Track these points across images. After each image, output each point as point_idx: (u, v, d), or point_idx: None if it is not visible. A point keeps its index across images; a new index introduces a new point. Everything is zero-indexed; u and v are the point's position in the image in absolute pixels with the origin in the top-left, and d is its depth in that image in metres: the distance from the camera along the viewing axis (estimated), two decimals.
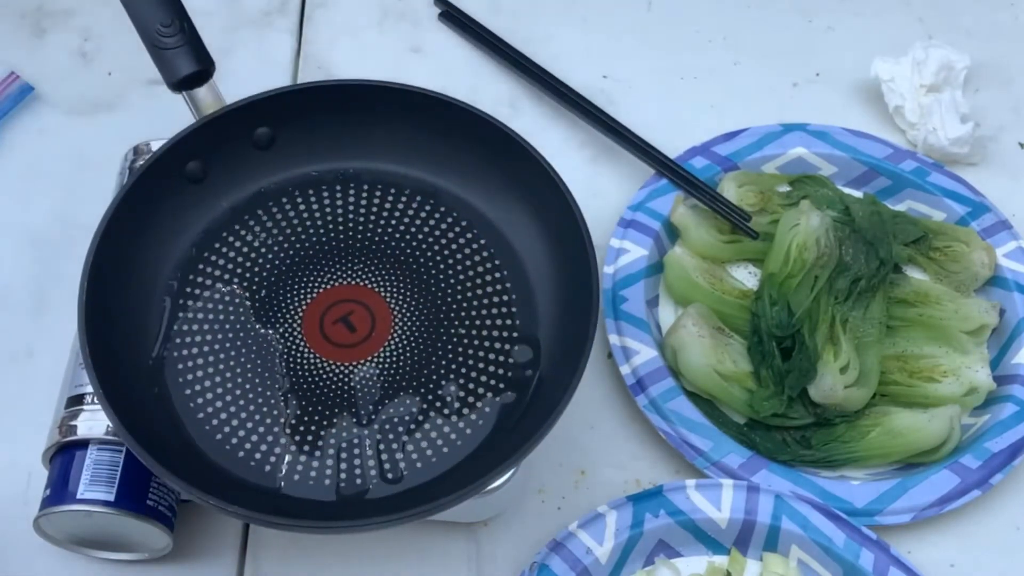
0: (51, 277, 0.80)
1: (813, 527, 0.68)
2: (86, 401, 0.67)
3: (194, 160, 0.72)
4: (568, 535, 0.68)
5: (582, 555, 0.67)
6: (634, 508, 0.69)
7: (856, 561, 0.67)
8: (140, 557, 0.69)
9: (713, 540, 0.69)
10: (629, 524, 0.68)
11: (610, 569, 0.68)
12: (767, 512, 0.69)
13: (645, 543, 0.69)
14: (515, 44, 0.92)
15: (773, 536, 0.69)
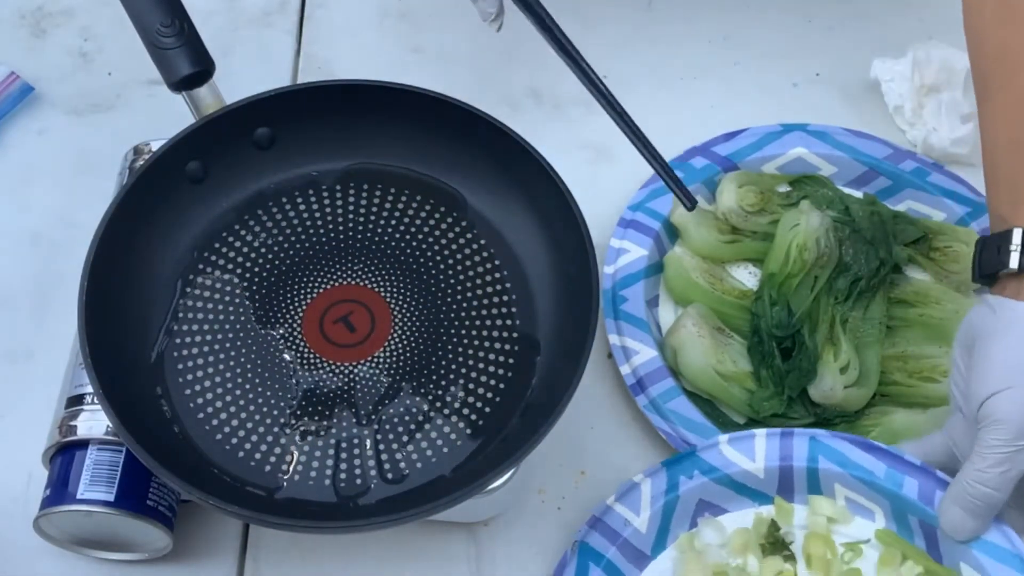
0: (51, 277, 0.80)
1: (852, 463, 0.67)
2: (86, 401, 0.67)
3: (194, 160, 0.72)
4: (605, 509, 0.67)
5: (621, 527, 0.67)
6: (667, 473, 0.68)
7: (900, 490, 0.66)
8: (140, 557, 0.69)
9: (755, 491, 0.68)
10: (664, 490, 0.68)
11: (652, 537, 0.67)
12: (803, 455, 0.67)
13: (684, 506, 0.68)
14: (515, 43, 0.92)
15: (814, 478, 0.67)
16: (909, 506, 0.66)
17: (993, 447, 0.60)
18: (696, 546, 0.67)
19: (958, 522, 0.62)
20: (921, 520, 0.65)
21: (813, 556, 0.66)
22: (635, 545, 0.67)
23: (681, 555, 0.67)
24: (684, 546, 0.68)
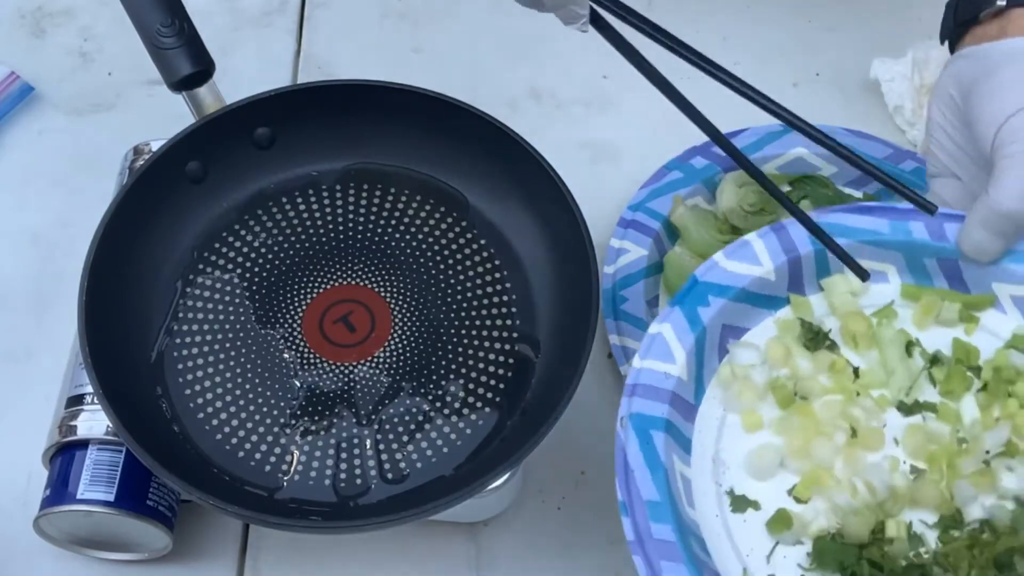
0: (51, 277, 0.80)
1: (855, 229, 0.65)
2: (86, 401, 0.67)
3: (194, 160, 0.72)
4: (637, 372, 0.62)
5: (662, 382, 0.61)
6: (683, 310, 0.64)
7: (911, 236, 0.65)
8: (140, 557, 0.69)
9: (769, 298, 0.65)
10: (687, 327, 0.63)
11: (695, 382, 0.63)
12: (805, 241, 0.65)
13: (712, 337, 0.64)
14: (515, 43, 0.92)
15: (823, 260, 0.65)
16: (923, 249, 0.64)
17: (1018, 160, 0.60)
18: (738, 373, 0.63)
19: (985, 244, 0.62)
20: (939, 259, 0.64)
21: (857, 335, 0.64)
22: (682, 396, 0.62)
23: (727, 388, 0.63)
24: (727, 378, 0.64)
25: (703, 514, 0.60)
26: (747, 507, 0.60)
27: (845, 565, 0.57)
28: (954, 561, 0.57)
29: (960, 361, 0.63)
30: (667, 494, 0.58)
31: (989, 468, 0.59)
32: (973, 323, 0.64)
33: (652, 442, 0.60)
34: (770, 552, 0.59)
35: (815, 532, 0.59)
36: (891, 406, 0.62)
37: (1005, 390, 0.62)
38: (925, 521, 0.59)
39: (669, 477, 0.59)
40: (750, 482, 0.61)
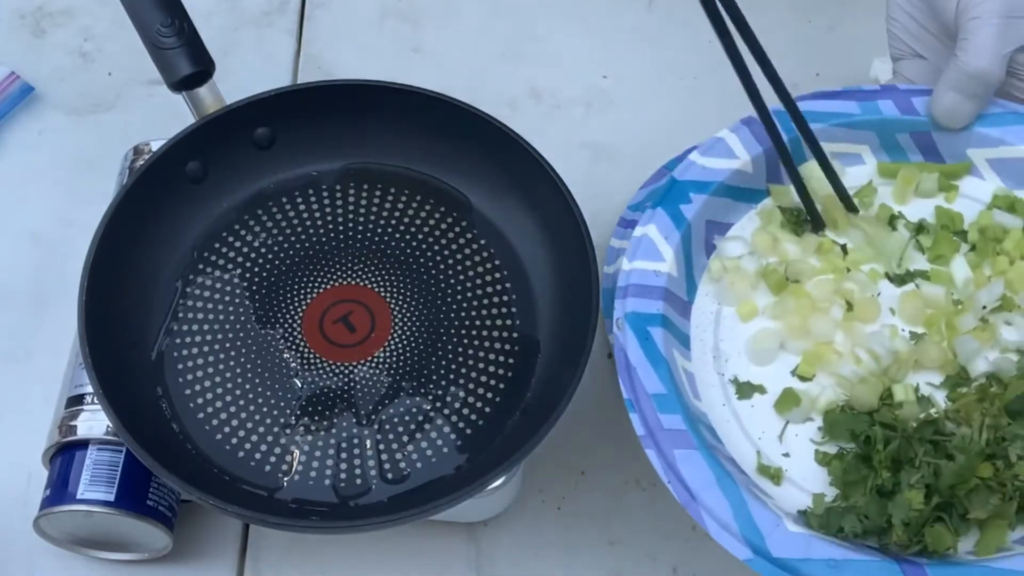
0: (51, 277, 0.80)
1: (827, 114, 0.66)
2: (86, 401, 0.67)
3: (194, 160, 0.72)
4: (628, 273, 0.63)
5: (653, 280, 0.62)
6: (666, 209, 0.64)
7: (881, 114, 0.65)
8: (140, 557, 0.69)
9: (749, 191, 0.66)
10: (672, 226, 0.64)
11: (686, 279, 0.64)
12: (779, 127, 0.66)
13: (697, 234, 0.65)
14: (515, 43, 0.92)
15: (798, 149, 0.65)
16: (895, 125, 0.65)
17: (986, 21, 0.61)
18: (728, 266, 0.64)
19: (957, 108, 0.63)
20: (911, 133, 0.65)
21: (837, 217, 0.65)
22: (675, 292, 0.63)
23: (718, 282, 0.64)
24: (717, 272, 0.64)
25: (710, 405, 0.61)
26: (753, 392, 0.61)
27: (857, 433, 0.57)
28: (965, 414, 0.57)
29: (945, 227, 0.64)
30: (672, 386, 0.58)
31: (988, 324, 0.60)
32: (953, 191, 0.65)
33: (651, 338, 0.60)
34: (781, 432, 0.59)
35: (824, 407, 0.59)
36: (882, 279, 0.63)
37: (993, 248, 0.62)
38: (932, 383, 0.59)
39: (672, 370, 0.59)
40: (752, 368, 0.62)
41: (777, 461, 0.59)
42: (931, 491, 0.55)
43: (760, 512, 0.55)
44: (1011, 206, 0.64)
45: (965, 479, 0.54)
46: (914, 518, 0.54)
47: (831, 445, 0.59)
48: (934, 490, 0.55)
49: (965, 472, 0.54)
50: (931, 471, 0.55)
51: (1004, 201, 0.64)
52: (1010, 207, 0.64)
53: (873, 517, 0.55)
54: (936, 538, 0.54)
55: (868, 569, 0.53)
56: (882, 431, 0.57)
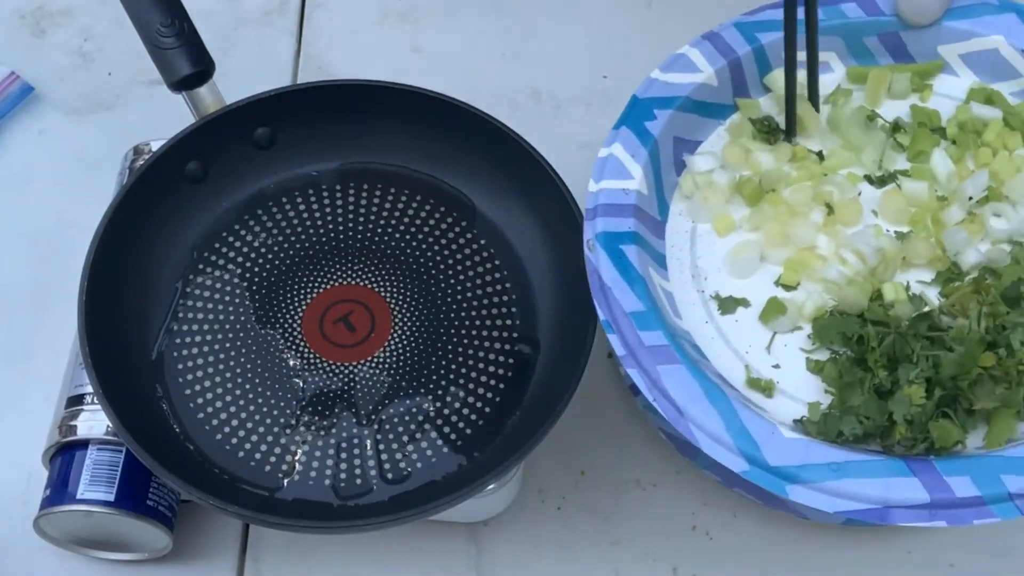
0: (51, 277, 0.80)
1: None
2: (86, 401, 0.67)
3: (194, 160, 0.72)
4: (595, 194, 0.61)
5: (622, 198, 0.60)
6: (630, 126, 0.63)
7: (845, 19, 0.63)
8: (140, 557, 0.69)
9: (716, 106, 0.64)
10: (638, 143, 0.62)
11: (656, 198, 0.62)
12: (739, 40, 0.64)
13: (665, 152, 0.62)
14: (515, 43, 0.92)
15: (762, 58, 0.64)
16: (861, 28, 0.63)
17: None
18: (700, 181, 0.62)
19: (922, 3, 0.61)
20: (879, 35, 0.63)
21: (806, 121, 0.63)
22: (646, 210, 0.61)
23: (691, 198, 0.63)
24: (689, 189, 0.63)
25: (692, 323, 0.59)
26: (736, 307, 0.59)
27: (849, 335, 0.56)
28: (960, 307, 0.55)
29: (923, 124, 0.62)
30: (651, 303, 0.56)
31: (976, 216, 0.58)
32: (927, 90, 0.63)
33: (625, 256, 0.58)
34: (769, 343, 0.57)
35: (812, 314, 0.57)
36: (862, 182, 0.61)
37: (974, 141, 0.61)
38: (922, 280, 0.58)
39: (649, 287, 0.57)
40: (733, 282, 0.60)
41: (767, 373, 0.57)
42: (932, 385, 0.53)
43: (753, 421, 0.52)
44: (988, 98, 0.62)
45: (967, 369, 0.52)
46: (917, 414, 0.52)
47: (822, 352, 0.57)
48: (935, 383, 0.52)
49: (966, 362, 0.52)
50: (930, 364, 0.53)
51: (981, 94, 0.62)
52: (987, 99, 0.62)
53: (874, 417, 0.52)
54: (942, 433, 0.52)
55: (873, 468, 0.51)
56: (875, 329, 0.55)
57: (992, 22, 0.62)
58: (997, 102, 0.62)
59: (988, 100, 0.62)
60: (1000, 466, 0.50)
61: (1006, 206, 0.59)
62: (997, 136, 0.61)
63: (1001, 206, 0.59)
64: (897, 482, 0.50)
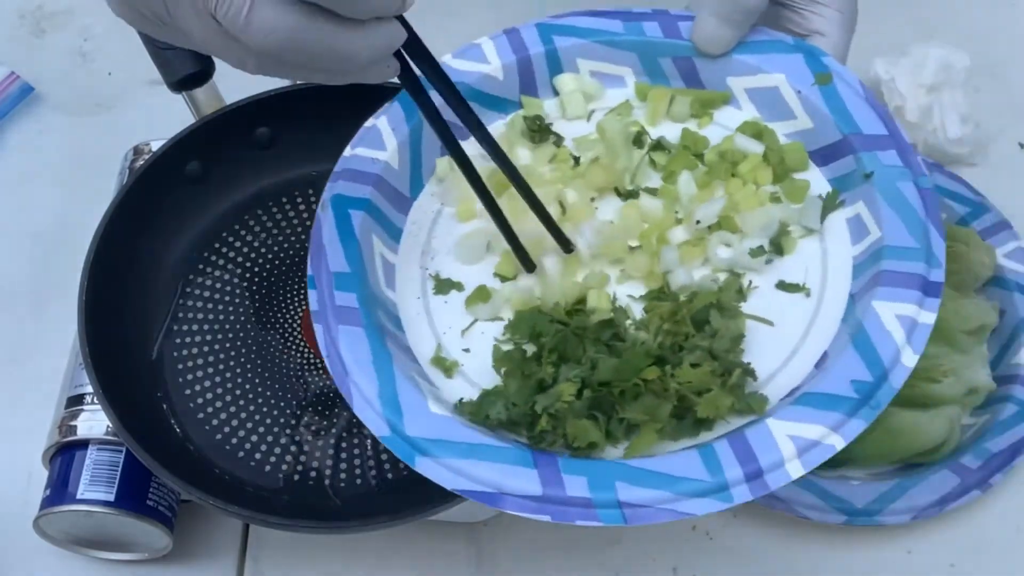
0: (51, 277, 0.80)
1: (588, 30, 0.64)
2: (86, 401, 0.67)
3: (194, 160, 0.72)
4: (345, 159, 0.61)
5: (368, 166, 0.61)
6: (402, 103, 0.63)
7: (644, 36, 0.63)
8: (140, 557, 0.69)
9: (499, 100, 0.64)
10: (403, 118, 0.62)
11: (410, 174, 0.62)
12: (536, 41, 0.64)
13: (431, 133, 0.60)
14: None
15: (554, 60, 0.64)
16: (657, 48, 0.63)
17: None
18: (457, 168, 0.60)
19: (714, 32, 0.61)
20: (674, 58, 0.63)
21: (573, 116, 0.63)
22: (391, 183, 0.61)
23: (442, 181, 0.63)
24: (444, 171, 0.63)
25: (404, 296, 0.59)
26: (450, 289, 0.59)
27: (538, 330, 0.56)
28: (649, 320, 0.56)
29: (687, 148, 0.62)
30: (358, 266, 0.57)
31: (701, 240, 0.58)
32: (707, 118, 0.63)
33: (349, 219, 0.59)
34: (468, 327, 0.58)
35: (517, 307, 0.57)
36: (610, 193, 0.61)
37: (728, 170, 0.61)
38: (632, 295, 0.58)
39: (363, 252, 0.58)
40: (457, 266, 0.60)
41: (456, 355, 0.57)
42: (585, 386, 0.53)
43: (408, 392, 0.53)
44: (758, 133, 0.62)
45: (624, 377, 0.52)
46: (562, 410, 0.52)
47: (510, 343, 0.57)
48: (587, 385, 0.53)
49: (624, 370, 0.53)
50: (588, 367, 0.53)
51: (751, 128, 0.62)
52: (756, 134, 0.62)
53: (519, 404, 0.53)
54: (579, 431, 0.52)
55: (501, 454, 0.51)
56: (554, 327, 0.55)
57: (779, 60, 0.61)
58: (765, 137, 0.62)
59: (757, 135, 0.62)
60: (619, 473, 0.50)
61: (736, 237, 0.59)
62: (751, 169, 0.60)
63: (732, 236, 0.59)
64: (517, 471, 0.50)
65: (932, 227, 0.56)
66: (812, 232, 0.58)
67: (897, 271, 0.54)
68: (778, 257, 0.58)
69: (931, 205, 0.56)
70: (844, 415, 0.50)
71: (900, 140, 0.58)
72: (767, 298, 0.57)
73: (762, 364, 0.54)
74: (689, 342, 0.54)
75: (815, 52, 0.61)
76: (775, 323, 0.56)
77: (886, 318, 0.52)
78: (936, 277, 0.54)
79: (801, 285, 0.57)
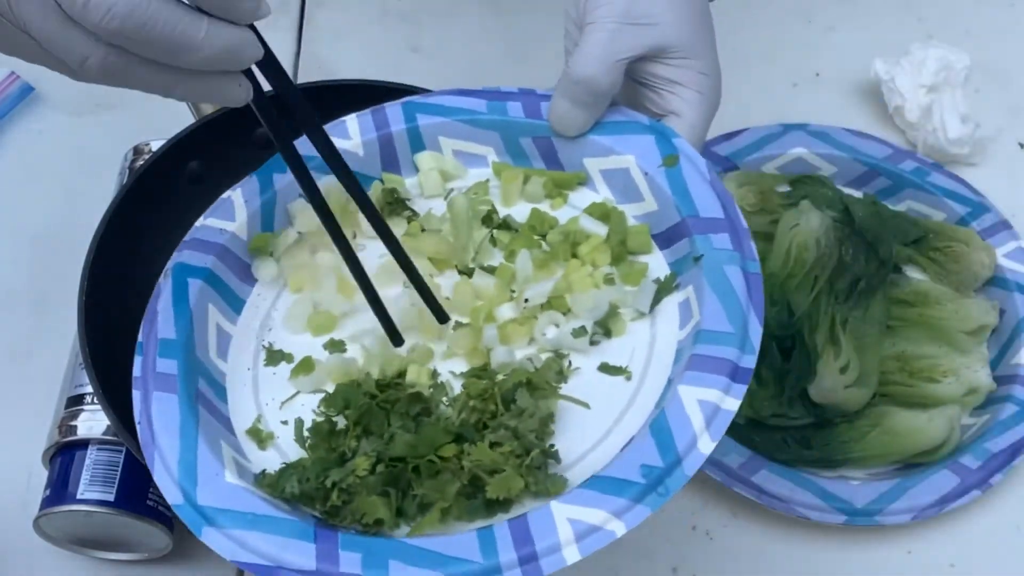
0: (51, 277, 0.80)
1: (452, 108, 0.63)
2: (86, 401, 0.67)
3: (194, 160, 0.72)
4: (195, 229, 0.61)
5: (215, 236, 0.60)
6: (259, 176, 0.63)
7: (506, 116, 0.63)
8: (140, 557, 0.69)
9: (363, 176, 0.63)
10: (258, 191, 0.62)
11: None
12: (399, 119, 0.64)
13: (282, 208, 0.62)
14: (515, 43, 0.92)
15: (416, 138, 0.63)
16: (518, 128, 0.63)
17: (599, 25, 0.59)
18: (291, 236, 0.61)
19: (567, 114, 0.60)
20: (534, 138, 0.62)
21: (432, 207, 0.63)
22: (237, 254, 0.61)
23: (288, 254, 0.62)
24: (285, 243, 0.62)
25: (235, 366, 0.59)
26: (280, 360, 0.59)
27: (350, 402, 0.55)
28: (457, 397, 0.55)
29: (533, 228, 0.61)
30: (186, 335, 0.57)
31: (528, 319, 0.58)
32: (560, 198, 0.63)
33: (186, 288, 0.59)
34: (289, 399, 0.57)
35: (337, 379, 0.57)
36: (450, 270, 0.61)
37: (569, 251, 0.60)
38: (454, 371, 0.57)
39: (195, 320, 0.58)
40: (290, 337, 0.60)
41: (273, 427, 0.57)
42: (380, 461, 0.53)
43: (206, 462, 0.53)
44: (605, 215, 0.61)
45: (420, 453, 0.52)
46: (354, 484, 0.52)
47: (324, 415, 0.56)
48: (382, 459, 0.52)
49: (420, 445, 0.52)
50: (387, 441, 0.53)
51: (598, 209, 0.62)
52: (603, 216, 0.61)
53: (312, 479, 0.52)
54: (367, 506, 0.51)
55: (284, 527, 0.50)
56: (362, 399, 0.55)
57: (631, 141, 0.61)
58: (612, 219, 0.61)
59: (604, 216, 0.61)
60: (395, 551, 0.49)
61: (567, 319, 0.58)
62: (591, 251, 0.60)
63: (560, 316, 0.58)
64: (296, 545, 0.50)
65: (752, 313, 0.54)
66: (644, 315, 0.57)
67: (708, 355, 0.52)
68: (606, 339, 0.57)
69: (755, 290, 0.55)
70: (630, 500, 0.49)
71: (736, 223, 0.57)
72: (588, 379, 0.56)
73: (574, 445, 0.53)
74: (495, 421, 0.53)
75: (667, 133, 0.60)
76: (592, 405, 0.54)
77: (688, 403, 0.51)
78: (747, 363, 0.52)
79: (624, 368, 0.56)
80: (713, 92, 0.61)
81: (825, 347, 0.73)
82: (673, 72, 0.60)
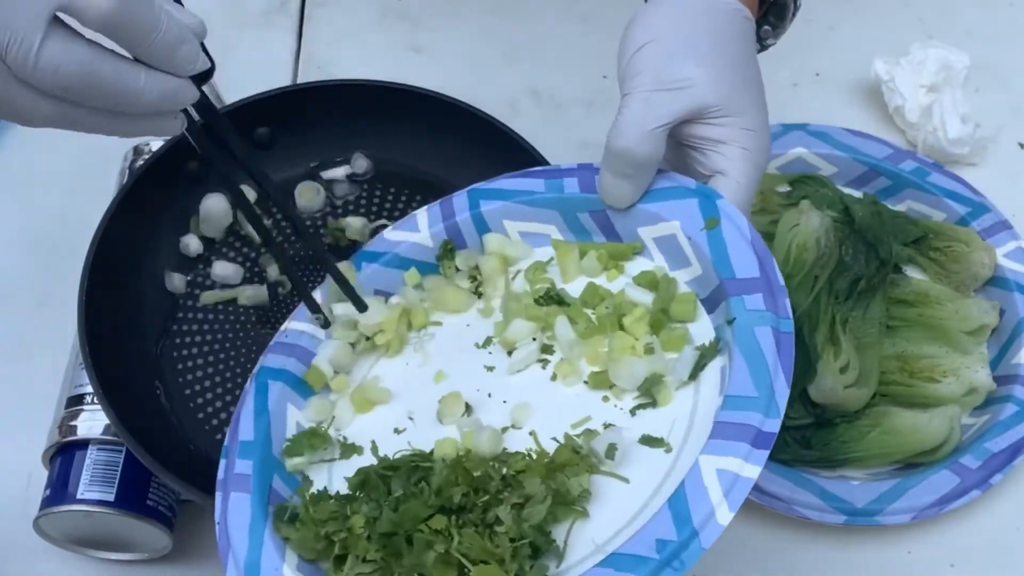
0: (51, 277, 0.80)
1: (512, 191, 0.64)
2: (86, 401, 0.67)
3: (194, 160, 0.72)
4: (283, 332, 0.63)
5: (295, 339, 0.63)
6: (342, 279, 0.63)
7: (563, 193, 0.63)
8: (140, 557, 0.69)
9: (424, 264, 0.65)
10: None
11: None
12: (464, 206, 0.65)
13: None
14: (515, 43, 0.92)
15: (481, 223, 0.64)
16: (575, 203, 0.63)
17: (633, 96, 0.58)
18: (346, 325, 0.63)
19: (613, 187, 0.60)
20: (591, 212, 0.62)
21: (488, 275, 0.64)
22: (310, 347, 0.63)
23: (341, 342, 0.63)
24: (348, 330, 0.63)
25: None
26: (352, 453, 0.60)
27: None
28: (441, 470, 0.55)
29: (585, 303, 0.61)
30: (264, 435, 0.59)
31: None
32: (616, 270, 0.62)
33: (267, 389, 0.60)
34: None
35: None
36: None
37: (616, 322, 0.59)
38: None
39: (272, 421, 0.59)
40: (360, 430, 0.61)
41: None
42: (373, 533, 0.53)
43: (270, 556, 0.54)
44: (653, 283, 0.60)
45: (406, 528, 0.52)
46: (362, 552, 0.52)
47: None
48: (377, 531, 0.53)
49: (404, 520, 0.52)
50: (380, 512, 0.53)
51: (646, 278, 0.61)
52: (651, 284, 0.60)
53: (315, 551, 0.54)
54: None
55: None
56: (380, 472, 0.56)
57: (677, 206, 0.60)
58: (660, 287, 0.60)
59: (652, 285, 0.60)
60: None
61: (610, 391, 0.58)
62: (634, 321, 0.59)
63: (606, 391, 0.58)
64: None
65: (781, 374, 0.52)
66: (687, 383, 0.56)
67: (730, 422, 0.51)
68: (652, 408, 0.56)
69: (785, 350, 0.53)
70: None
71: (772, 281, 0.55)
72: (628, 450, 0.54)
73: (611, 519, 0.52)
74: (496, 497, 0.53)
75: (711, 195, 0.59)
76: (631, 480, 0.53)
77: (707, 473, 0.50)
78: (770, 428, 0.51)
79: (663, 440, 0.54)
80: (759, 147, 0.60)
81: (825, 347, 0.73)
82: (715, 131, 0.59)
